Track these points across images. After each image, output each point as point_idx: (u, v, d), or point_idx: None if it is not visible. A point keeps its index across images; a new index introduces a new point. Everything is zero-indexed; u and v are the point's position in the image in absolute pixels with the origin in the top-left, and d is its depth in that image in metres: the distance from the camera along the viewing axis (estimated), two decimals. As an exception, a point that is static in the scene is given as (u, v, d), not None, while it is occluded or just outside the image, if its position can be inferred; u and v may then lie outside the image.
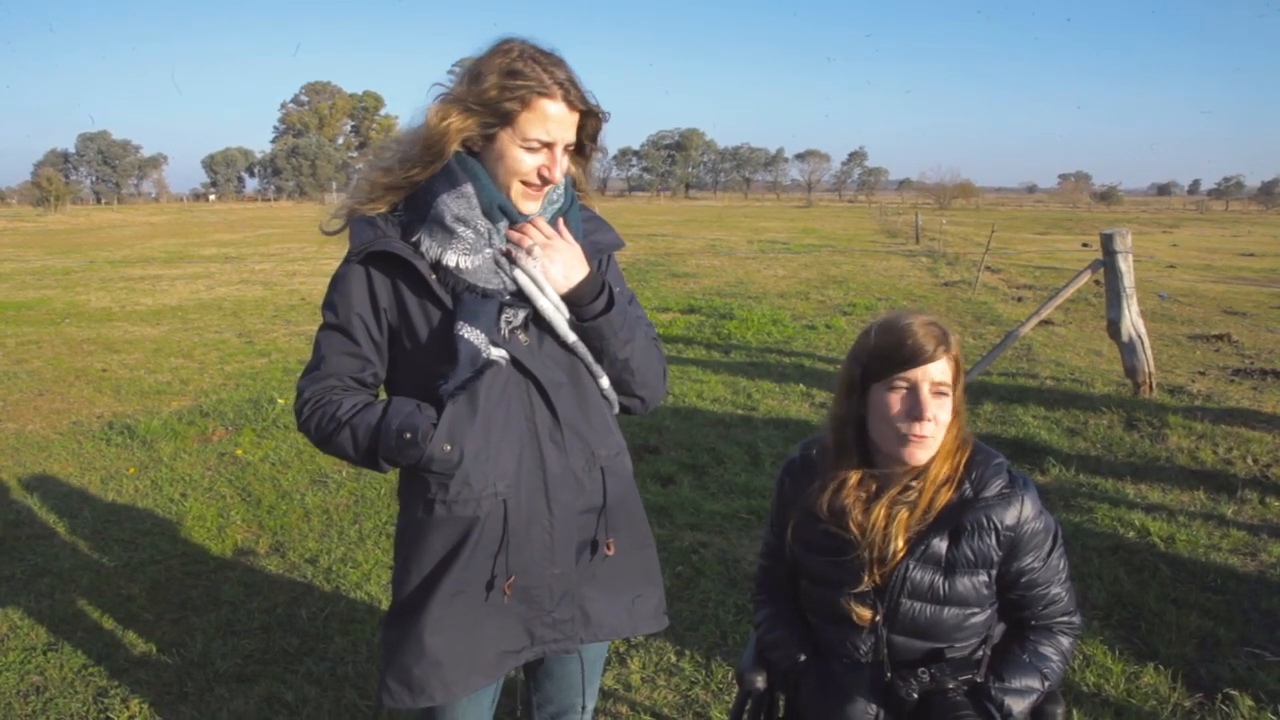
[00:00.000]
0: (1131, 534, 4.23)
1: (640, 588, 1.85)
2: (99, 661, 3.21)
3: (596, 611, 1.77)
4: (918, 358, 1.61)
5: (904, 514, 1.65)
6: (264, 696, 2.97)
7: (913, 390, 1.62)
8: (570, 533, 1.71)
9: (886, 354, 1.64)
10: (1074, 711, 2.81)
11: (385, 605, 3.46)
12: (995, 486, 1.65)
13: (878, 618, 1.66)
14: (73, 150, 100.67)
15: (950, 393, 1.64)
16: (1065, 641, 1.70)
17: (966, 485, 1.65)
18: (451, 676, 1.66)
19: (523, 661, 1.75)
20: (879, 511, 1.64)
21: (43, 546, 4.23)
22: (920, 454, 1.63)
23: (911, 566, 1.64)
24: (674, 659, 3.18)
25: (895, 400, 1.63)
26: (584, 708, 1.93)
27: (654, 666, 3.14)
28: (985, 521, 1.62)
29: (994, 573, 1.65)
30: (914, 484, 1.65)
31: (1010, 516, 1.63)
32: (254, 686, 3.03)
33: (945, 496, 1.65)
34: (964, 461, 1.68)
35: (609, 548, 1.76)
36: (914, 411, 1.61)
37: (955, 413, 1.67)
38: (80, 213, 63.65)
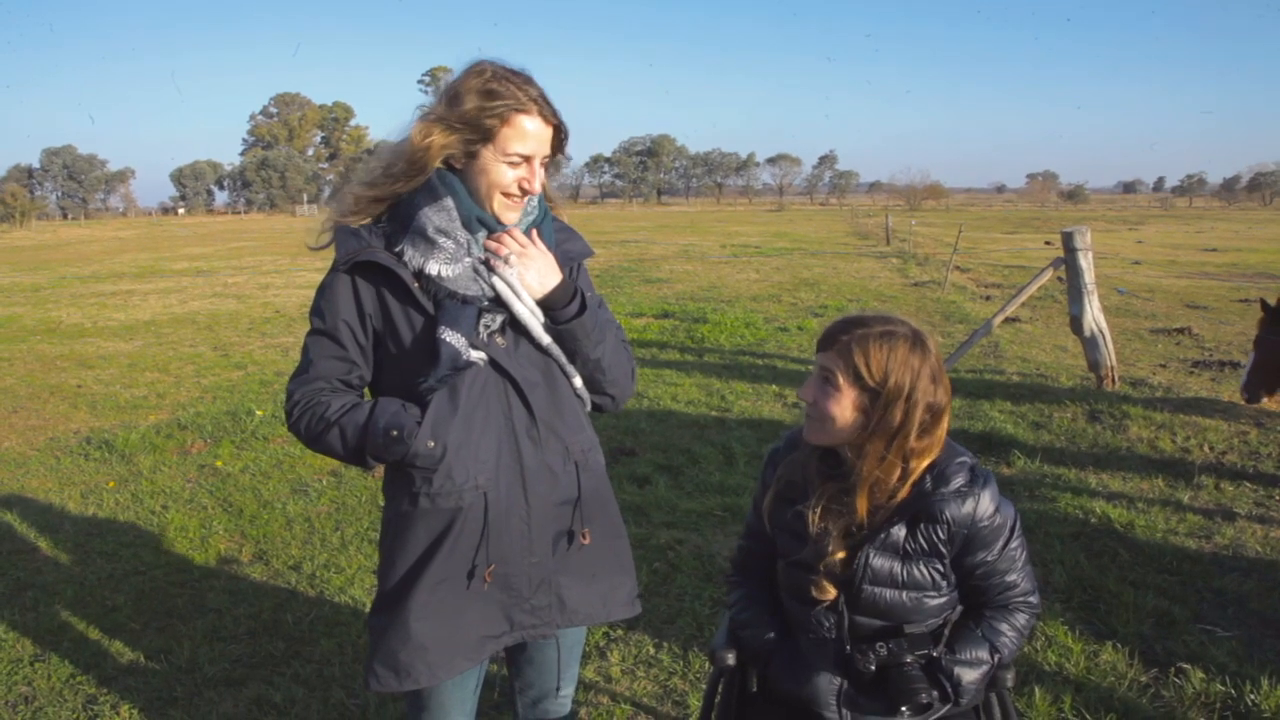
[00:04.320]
0: (1093, 520, 4.39)
1: (614, 576, 1.95)
2: (86, 670, 3.26)
3: (572, 599, 1.88)
4: (818, 344, 1.78)
5: (839, 522, 1.74)
6: (253, 699, 3.04)
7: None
8: (547, 523, 1.81)
9: None
10: (1036, 689, 2.93)
11: (369, 608, 3.53)
12: (954, 483, 1.71)
13: (840, 596, 1.76)
14: (37, 165, 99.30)
15: (834, 381, 1.70)
16: (1021, 618, 1.78)
17: (927, 479, 1.73)
18: (436, 660, 1.75)
19: (503, 645, 1.85)
20: (815, 513, 1.75)
21: (24, 561, 4.26)
22: (809, 429, 1.77)
23: (873, 555, 1.72)
24: (653, 651, 3.28)
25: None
26: (559, 689, 2.03)
27: (633, 659, 3.23)
28: (938, 514, 1.70)
29: (948, 562, 1.74)
30: (845, 498, 1.74)
31: (963, 512, 1.70)
32: (242, 689, 3.10)
33: (903, 493, 1.73)
34: (921, 466, 1.73)
35: (584, 537, 1.86)
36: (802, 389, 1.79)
37: (900, 425, 1.68)
38: (47, 228, 62.84)
